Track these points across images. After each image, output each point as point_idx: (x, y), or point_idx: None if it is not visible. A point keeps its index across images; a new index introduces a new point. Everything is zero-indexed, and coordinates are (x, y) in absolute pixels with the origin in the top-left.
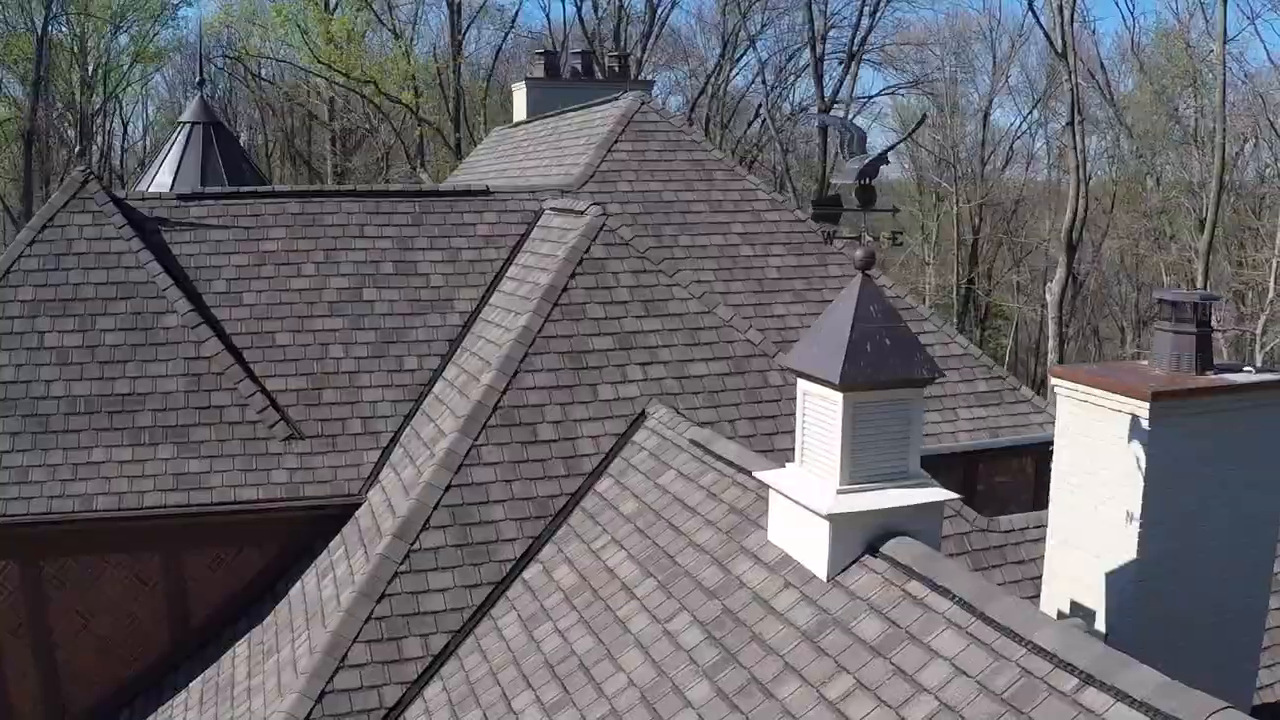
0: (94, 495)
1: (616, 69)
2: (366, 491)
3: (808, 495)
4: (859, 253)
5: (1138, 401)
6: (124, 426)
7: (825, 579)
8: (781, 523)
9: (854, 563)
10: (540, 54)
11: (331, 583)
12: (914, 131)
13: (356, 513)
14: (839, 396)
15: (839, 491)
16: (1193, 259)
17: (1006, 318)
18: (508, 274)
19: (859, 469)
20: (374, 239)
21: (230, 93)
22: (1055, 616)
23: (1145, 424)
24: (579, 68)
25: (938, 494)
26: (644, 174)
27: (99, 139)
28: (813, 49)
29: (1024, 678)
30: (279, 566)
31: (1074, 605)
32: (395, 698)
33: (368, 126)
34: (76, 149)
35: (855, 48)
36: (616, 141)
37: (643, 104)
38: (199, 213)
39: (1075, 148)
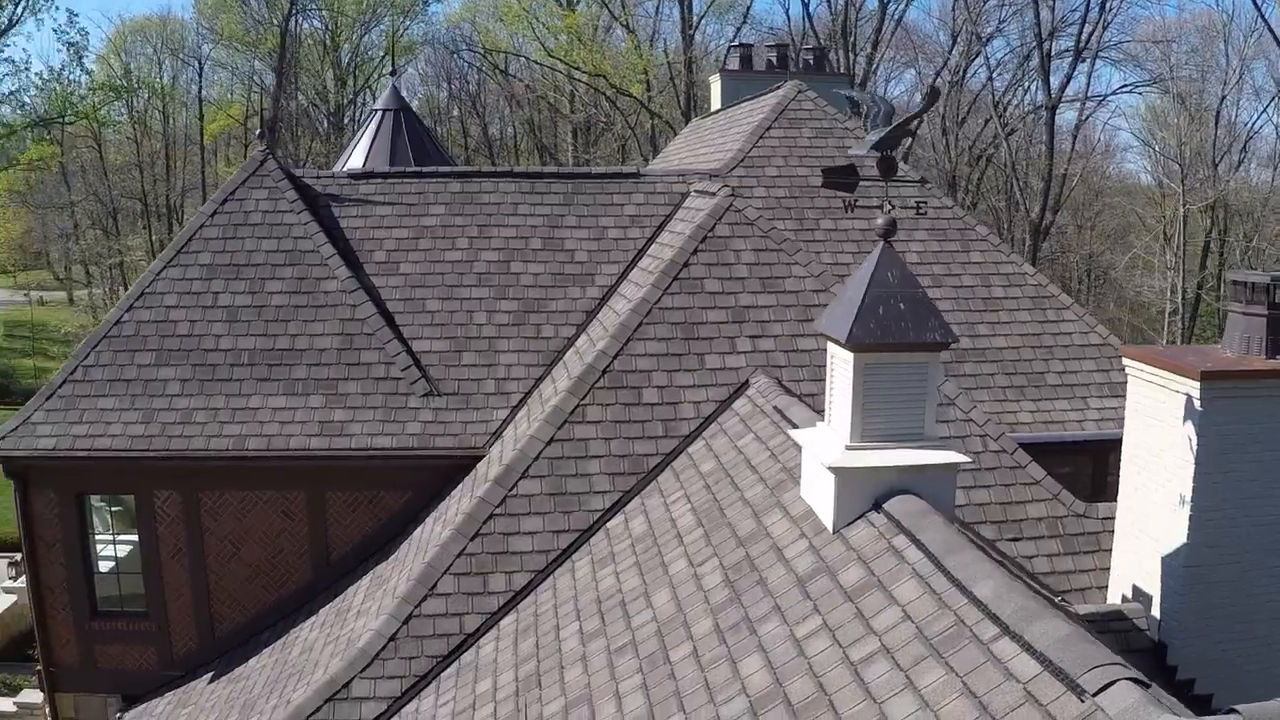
0: (247, 437)
1: (811, 62)
2: (490, 446)
3: (822, 450)
4: (880, 221)
5: (1189, 381)
6: (280, 378)
7: (832, 530)
8: (807, 478)
9: (860, 517)
10: (736, 47)
11: (443, 524)
12: (928, 108)
13: (478, 464)
14: (850, 356)
15: (848, 447)
16: None
17: None
18: (648, 251)
19: (871, 427)
20: (526, 216)
21: (480, 85)
22: (1120, 601)
23: (1198, 405)
24: (774, 60)
25: (948, 456)
26: (793, 159)
27: (352, 128)
28: (1040, 46)
29: (956, 626)
30: (412, 510)
31: (1135, 590)
32: (474, 626)
33: (604, 120)
34: (257, 131)
35: (1083, 44)
36: (769, 128)
37: (799, 93)
38: (367, 190)
39: None
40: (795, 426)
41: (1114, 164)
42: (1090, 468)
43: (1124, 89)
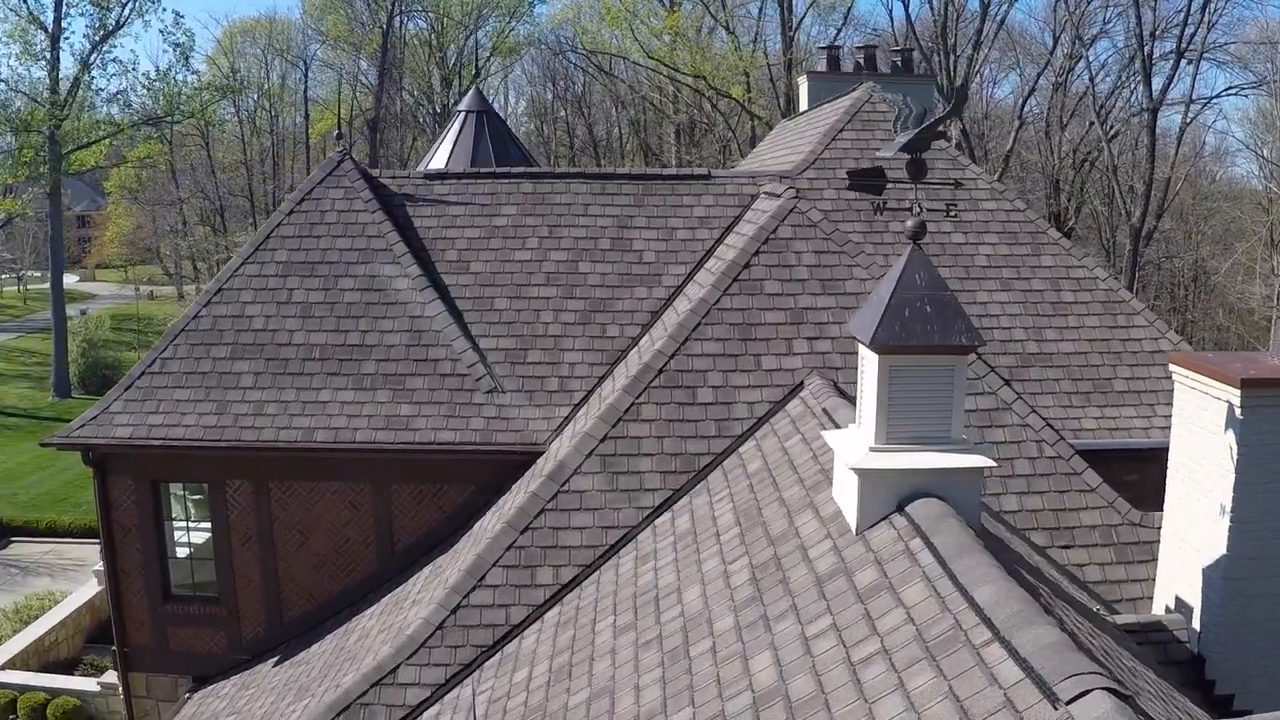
0: (315, 429)
1: (899, 64)
2: (550, 442)
3: (848, 452)
4: (910, 223)
5: (1230, 389)
6: (350, 373)
7: (855, 532)
8: (837, 479)
9: (883, 519)
10: (825, 48)
11: (500, 518)
12: (957, 109)
13: (538, 459)
14: (875, 358)
15: (871, 449)
16: None
17: None
18: (714, 253)
19: (896, 430)
20: (596, 217)
21: (586, 86)
22: (1164, 612)
23: (1239, 413)
24: (861, 62)
25: (972, 459)
26: (864, 162)
27: None
28: (1140, 48)
29: (953, 630)
30: (474, 504)
31: (1178, 601)
32: (520, 617)
33: (706, 121)
34: (336, 134)
35: (1185, 46)
36: (841, 131)
37: (872, 96)
38: (442, 190)
39: None
40: (839, 428)
41: (1223, 168)
42: (1157, 476)
43: (1229, 91)
